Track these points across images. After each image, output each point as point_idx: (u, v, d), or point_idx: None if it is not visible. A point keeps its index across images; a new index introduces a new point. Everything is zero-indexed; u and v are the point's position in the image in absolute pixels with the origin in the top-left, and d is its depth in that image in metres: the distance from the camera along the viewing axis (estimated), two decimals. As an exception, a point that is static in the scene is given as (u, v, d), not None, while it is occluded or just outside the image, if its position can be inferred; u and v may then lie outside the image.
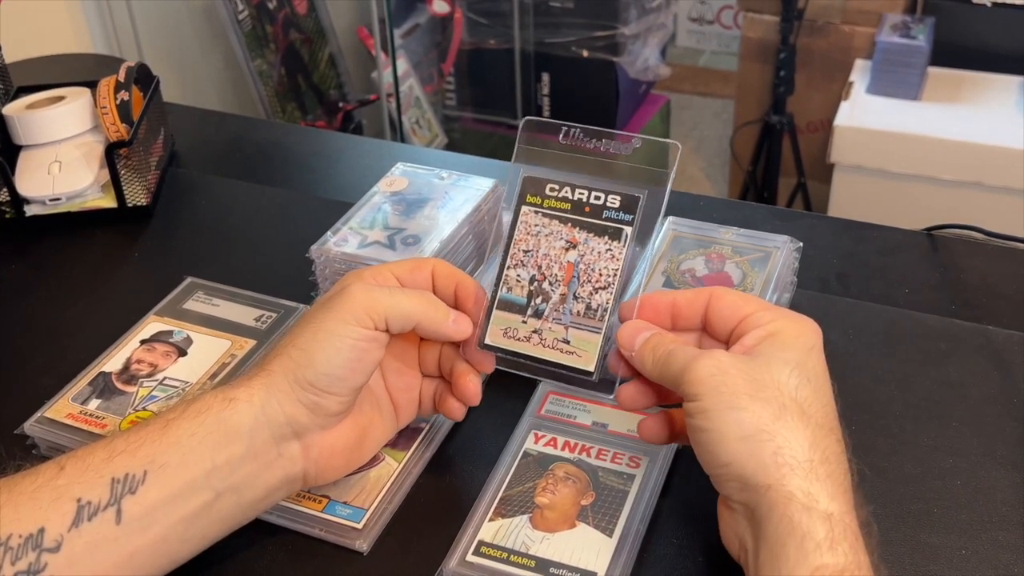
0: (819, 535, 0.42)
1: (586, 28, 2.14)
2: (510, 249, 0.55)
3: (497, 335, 0.54)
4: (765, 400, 0.45)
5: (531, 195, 0.55)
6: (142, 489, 0.46)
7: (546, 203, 0.54)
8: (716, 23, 3.17)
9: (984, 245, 0.78)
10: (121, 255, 0.82)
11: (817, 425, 0.46)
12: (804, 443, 0.45)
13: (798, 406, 0.46)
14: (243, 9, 1.87)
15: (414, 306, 0.51)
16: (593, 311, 0.53)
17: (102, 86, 0.86)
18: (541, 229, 0.54)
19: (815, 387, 0.47)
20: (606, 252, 0.54)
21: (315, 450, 0.51)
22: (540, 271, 0.54)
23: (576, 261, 0.54)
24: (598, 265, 0.53)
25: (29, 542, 0.44)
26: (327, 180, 0.92)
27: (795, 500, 0.43)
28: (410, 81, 2.14)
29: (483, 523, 0.54)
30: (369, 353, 0.50)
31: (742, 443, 0.45)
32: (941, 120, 1.91)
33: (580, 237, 0.54)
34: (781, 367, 0.47)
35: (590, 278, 0.53)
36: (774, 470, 0.44)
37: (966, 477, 0.57)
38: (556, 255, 0.54)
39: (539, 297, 0.54)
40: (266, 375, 0.49)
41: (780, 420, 0.45)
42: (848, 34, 2.10)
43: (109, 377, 0.64)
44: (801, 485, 0.44)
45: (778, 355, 0.47)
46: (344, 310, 0.50)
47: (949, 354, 0.66)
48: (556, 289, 0.54)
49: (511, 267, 0.54)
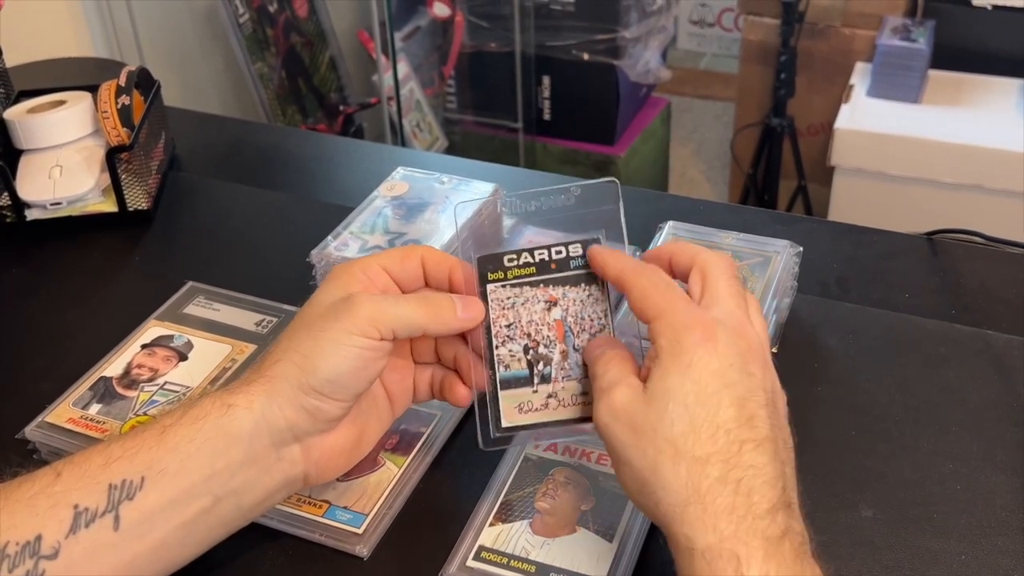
0: (703, 573, 0.42)
1: (587, 31, 2.14)
2: (492, 330, 0.53)
3: (512, 414, 0.52)
4: (642, 452, 0.45)
5: (492, 273, 0.54)
6: (140, 495, 0.46)
7: (510, 274, 0.54)
8: (717, 26, 3.17)
9: (984, 249, 0.78)
10: (122, 259, 0.82)
11: (691, 460, 0.44)
12: (677, 487, 0.44)
13: (672, 446, 0.44)
14: (244, 12, 1.88)
15: (419, 314, 0.51)
16: None
17: (103, 90, 0.86)
18: (515, 300, 0.54)
19: (691, 415, 0.45)
20: (588, 298, 0.53)
21: (315, 452, 0.51)
22: (531, 339, 0.53)
23: (563, 317, 0.53)
24: (586, 312, 0.53)
25: (26, 549, 0.44)
26: (328, 184, 0.92)
27: (680, 544, 0.44)
28: (411, 84, 2.14)
29: (483, 528, 0.54)
30: (373, 362, 0.50)
31: (637, 496, 0.46)
32: (941, 123, 1.91)
33: (557, 293, 0.53)
34: (657, 402, 0.45)
35: (583, 327, 0.53)
36: (661, 519, 0.45)
37: (966, 482, 0.57)
38: (540, 317, 0.53)
39: (540, 363, 0.53)
40: (267, 381, 0.49)
41: (655, 472, 0.44)
42: (848, 37, 2.11)
43: (110, 382, 0.64)
44: (679, 530, 0.44)
45: (656, 385, 0.46)
46: (349, 321, 0.49)
47: (949, 358, 0.66)
48: (554, 349, 0.53)
49: (500, 346, 0.53)
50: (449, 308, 0.52)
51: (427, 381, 0.56)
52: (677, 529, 0.43)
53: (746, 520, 0.43)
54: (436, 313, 0.52)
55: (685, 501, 0.43)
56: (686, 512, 0.43)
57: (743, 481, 0.44)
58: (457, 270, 0.54)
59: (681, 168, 2.70)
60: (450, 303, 0.52)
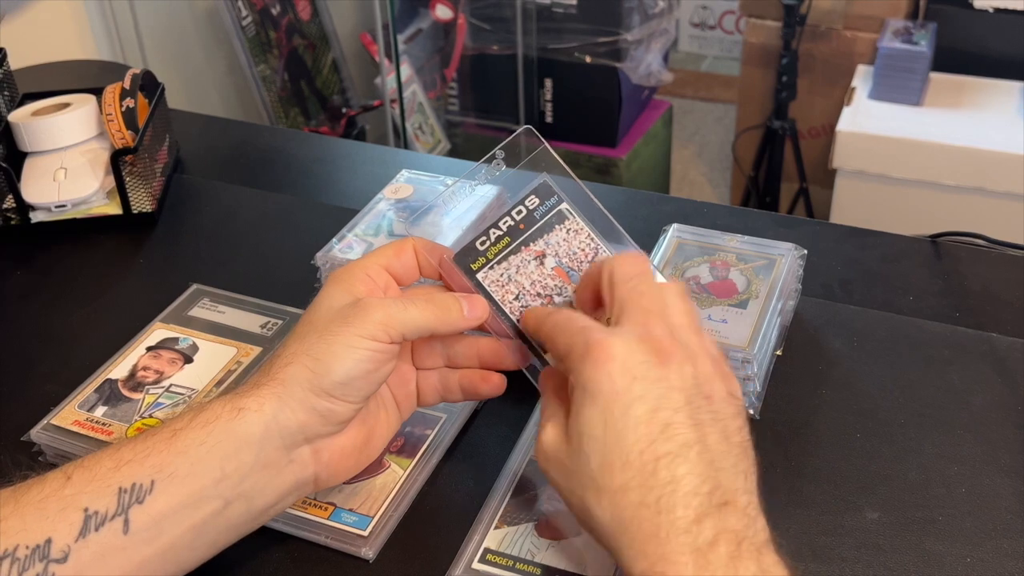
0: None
1: (589, 34, 2.14)
2: (505, 310, 0.54)
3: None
4: (572, 491, 0.46)
5: (473, 264, 0.55)
6: (150, 499, 0.46)
7: (490, 254, 0.55)
8: (718, 28, 3.17)
9: (987, 252, 0.78)
10: (126, 262, 0.82)
11: (611, 492, 0.44)
12: (606, 520, 0.44)
13: (594, 483, 0.45)
14: (247, 15, 1.88)
15: (428, 316, 0.52)
16: None
17: (107, 93, 0.86)
18: (508, 272, 0.54)
19: (603, 447, 0.45)
20: (568, 234, 0.55)
21: (326, 454, 0.51)
22: (542, 296, 0.54)
23: (557, 262, 0.54)
24: (574, 247, 0.54)
25: (36, 553, 0.44)
26: (332, 187, 0.92)
27: (624, 573, 0.44)
28: (413, 86, 2.14)
29: (489, 531, 0.54)
30: (384, 364, 0.51)
31: (586, 529, 0.47)
32: (943, 125, 1.91)
33: (540, 246, 0.54)
34: (577, 441, 0.46)
35: (580, 259, 0.54)
36: (607, 551, 0.45)
37: (970, 485, 0.57)
38: (539, 273, 0.54)
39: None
40: (278, 384, 0.49)
41: (586, 510, 0.45)
42: (850, 39, 2.11)
43: (115, 384, 0.65)
44: (619, 560, 0.44)
45: (574, 424, 0.46)
46: (361, 325, 0.50)
47: (952, 361, 0.66)
48: (567, 292, 0.54)
49: (519, 314, 0.54)
50: (456, 309, 0.53)
51: (433, 385, 0.56)
52: (617, 559, 0.44)
53: (671, 538, 0.42)
54: (443, 314, 0.52)
55: (613, 533, 0.44)
56: (618, 543, 0.44)
57: (662, 499, 0.43)
58: (447, 259, 0.55)
59: (683, 170, 2.70)
60: (456, 303, 0.53)
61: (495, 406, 0.64)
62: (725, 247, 0.71)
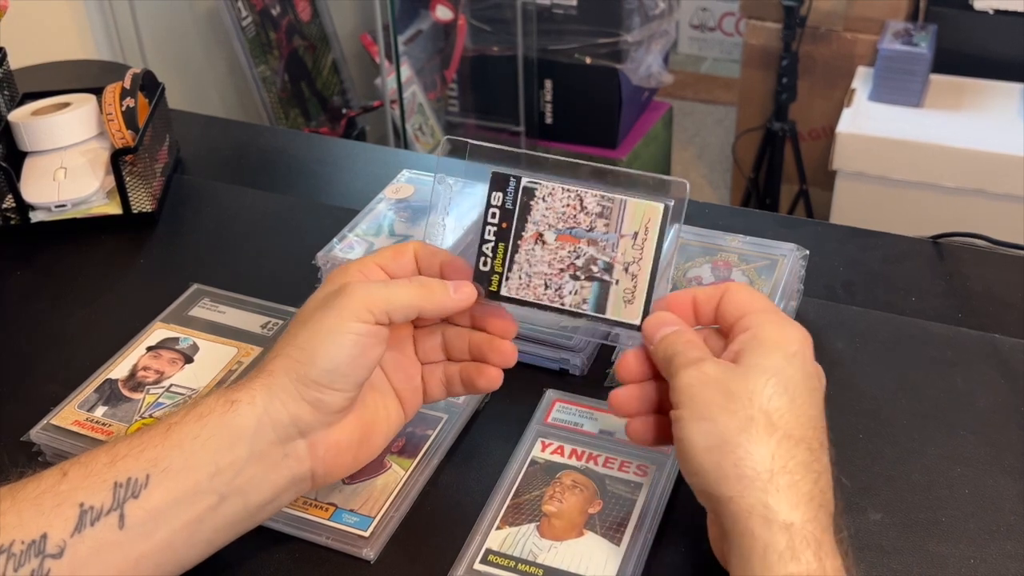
0: (780, 545, 0.43)
1: (589, 35, 2.14)
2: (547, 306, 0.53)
3: (632, 312, 0.53)
4: (733, 412, 0.46)
5: (490, 286, 0.54)
6: (145, 493, 0.46)
7: (496, 267, 0.54)
8: (718, 30, 3.17)
9: (990, 253, 0.78)
10: (126, 262, 0.82)
11: (784, 435, 0.46)
12: (766, 455, 0.45)
13: (766, 417, 0.46)
14: (247, 15, 1.88)
15: (412, 294, 0.51)
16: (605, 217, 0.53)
17: (108, 93, 0.86)
18: (522, 271, 0.54)
19: (791, 396, 0.47)
20: (544, 201, 0.53)
21: (321, 448, 0.51)
22: (566, 270, 0.53)
23: (556, 232, 0.53)
24: (559, 209, 0.53)
25: (32, 548, 0.44)
26: (332, 187, 0.92)
27: (755, 512, 0.44)
28: (413, 87, 2.14)
29: (490, 531, 0.54)
30: (371, 348, 0.50)
31: (707, 454, 0.46)
32: (943, 127, 1.91)
33: (531, 228, 0.53)
34: (759, 376, 0.47)
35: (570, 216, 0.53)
36: (735, 482, 0.45)
37: (973, 486, 0.57)
38: (549, 251, 0.53)
39: (593, 268, 0.53)
40: (267, 376, 0.49)
41: (745, 432, 0.45)
42: (850, 41, 2.11)
43: (115, 384, 0.64)
44: (760, 497, 0.44)
45: (758, 362, 0.47)
46: (343, 307, 0.49)
47: (955, 362, 0.66)
48: (584, 252, 0.53)
49: (563, 301, 0.53)
50: (441, 287, 0.53)
51: (438, 380, 0.56)
52: (755, 495, 0.44)
53: (822, 513, 0.45)
54: (429, 293, 0.52)
55: (771, 470, 0.44)
56: (773, 482, 0.44)
57: (822, 476, 0.46)
58: (447, 261, 0.55)
59: (683, 172, 2.70)
60: (443, 285, 0.53)
61: (496, 407, 0.64)
62: (727, 247, 0.70)
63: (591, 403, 0.62)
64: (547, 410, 0.62)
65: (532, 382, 0.64)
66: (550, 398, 0.63)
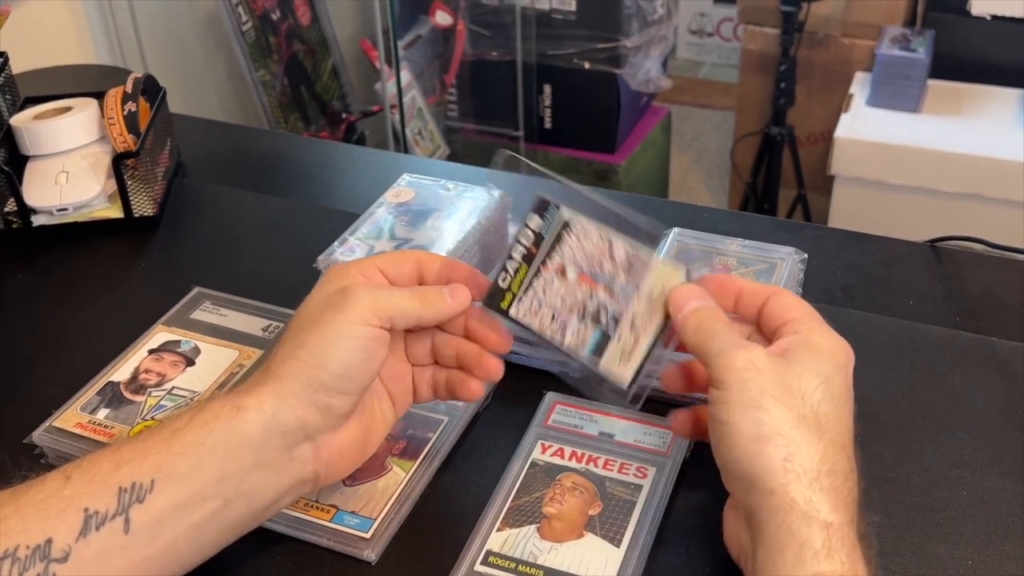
0: (816, 543, 0.43)
1: (588, 40, 2.15)
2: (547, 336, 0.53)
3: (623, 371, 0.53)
4: (788, 406, 0.46)
5: (502, 303, 0.54)
6: (150, 498, 0.46)
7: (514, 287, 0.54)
8: (716, 35, 3.18)
9: (987, 257, 0.78)
10: (128, 265, 0.82)
11: (830, 440, 0.46)
12: (815, 455, 0.45)
13: (816, 418, 0.47)
14: (247, 20, 1.88)
15: (414, 303, 0.52)
16: (630, 274, 0.53)
17: (109, 97, 0.86)
18: (536, 298, 0.54)
19: (836, 404, 0.48)
20: (576, 241, 0.53)
21: (325, 451, 0.51)
22: (573, 309, 0.53)
23: (578, 270, 0.53)
24: (588, 249, 0.53)
25: (37, 552, 0.44)
26: (333, 191, 0.92)
27: (796, 508, 0.44)
28: (413, 92, 2.14)
29: (491, 533, 0.54)
30: (378, 351, 0.51)
31: (756, 443, 0.46)
32: (941, 132, 1.91)
33: (557, 260, 0.53)
34: (811, 377, 0.48)
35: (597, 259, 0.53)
36: (781, 475, 0.45)
37: (972, 488, 0.57)
38: (565, 288, 0.53)
39: (600, 315, 0.53)
40: (277, 381, 0.49)
41: (797, 428, 0.46)
42: (848, 47, 2.11)
43: (117, 387, 0.64)
44: (804, 493, 0.44)
45: (811, 364, 0.48)
46: (351, 311, 0.50)
47: (954, 365, 0.66)
48: (596, 297, 0.53)
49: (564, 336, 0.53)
50: (440, 297, 0.53)
51: (427, 382, 0.56)
52: (800, 491, 0.44)
53: (855, 522, 0.45)
54: (429, 302, 0.53)
55: (818, 471, 0.45)
56: (818, 481, 0.45)
57: (855, 487, 0.46)
58: (451, 266, 0.55)
59: (681, 177, 2.71)
60: (440, 292, 0.53)
61: (497, 409, 0.64)
62: (726, 251, 0.71)
63: (591, 406, 0.62)
64: (547, 412, 0.62)
65: (532, 385, 0.64)
66: (550, 400, 0.63)
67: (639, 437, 0.60)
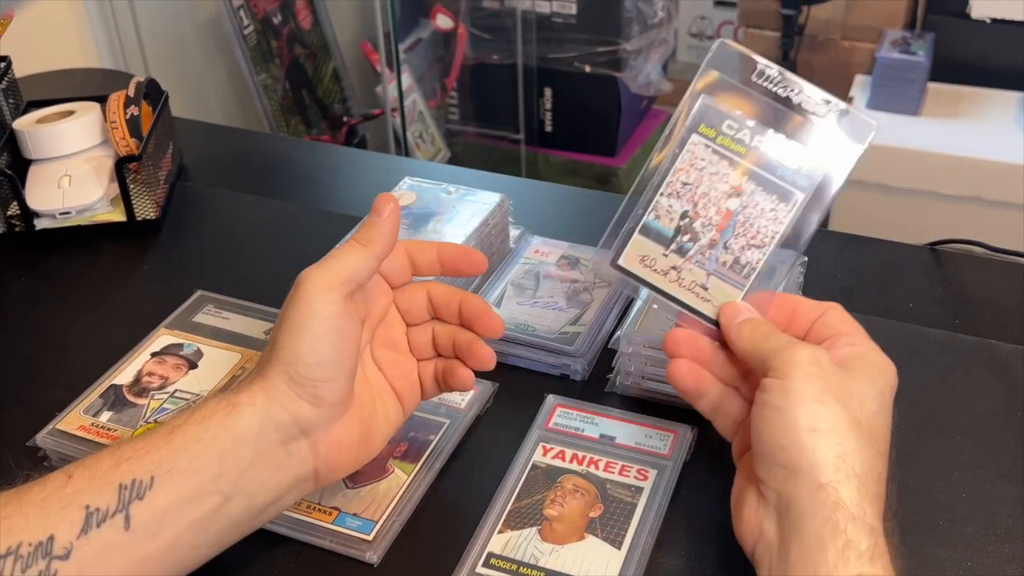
0: (862, 545, 0.44)
1: (588, 43, 2.15)
2: (668, 177, 0.51)
3: (633, 260, 0.52)
4: (847, 408, 0.47)
5: (706, 126, 0.51)
6: (150, 494, 0.47)
7: (719, 140, 0.51)
8: (717, 38, 3.18)
9: (987, 260, 0.78)
10: (130, 268, 0.83)
11: (878, 452, 0.48)
12: (866, 461, 0.46)
13: (870, 428, 0.48)
14: (248, 24, 1.89)
15: (355, 251, 0.52)
16: (741, 266, 0.52)
17: (112, 101, 0.87)
18: (707, 165, 0.51)
19: (885, 421, 0.49)
20: (770, 212, 0.51)
21: (323, 446, 0.51)
22: (695, 209, 0.51)
23: (736, 210, 0.51)
24: (758, 222, 0.51)
25: (39, 550, 0.44)
26: (335, 194, 0.93)
27: (843, 507, 0.45)
28: (414, 95, 2.15)
29: (492, 535, 0.54)
30: (347, 327, 0.50)
31: (811, 434, 0.46)
32: (941, 135, 1.92)
33: (747, 187, 0.51)
34: (869, 388, 0.49)
35: (746, 232, 0.51)
36: (832, 472, 0.45)
37: (971, 490, 0.57)
38: (716, 197, 0.51)
39: (687, 235, 0.51)
40: (263, 379, 0.50)
41: (853, 431, 0.47)
42: (848, 50, 2.12)
43: (120, 389, 0.65)
44: (853, 495, 0.45)
45: (869, 377, 0.49)
46: (306, 295, 0.50)
47: (953, 368, 0.66)
48: (708, 232, 0.51)
49: (665, 195, 0.51)
50: (371, 225, 0.53)
51: (432, 375, 0.57)
52: (849, 492, 0.45)
53: (889, 533, 0.46)
54: (366, 238, 0.52)
55: (866, 473, 0.46)
56: (866, 487, 0.45)
57: (886, 502, 0.47)
58: (445, 249, 0.55)
59: (681, 180, 2.71)
60: (369, 221, 0.53)
61: (498, 411, 0.64)
62: (727, 254, 0.71)
63: (592, 408, 0.62)
64: (548, 415, 0.62)
65: (533, 387, 0.65)
66: (551, 403, 0.63)
67: (640, 440, 0.60)
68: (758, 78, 0.51)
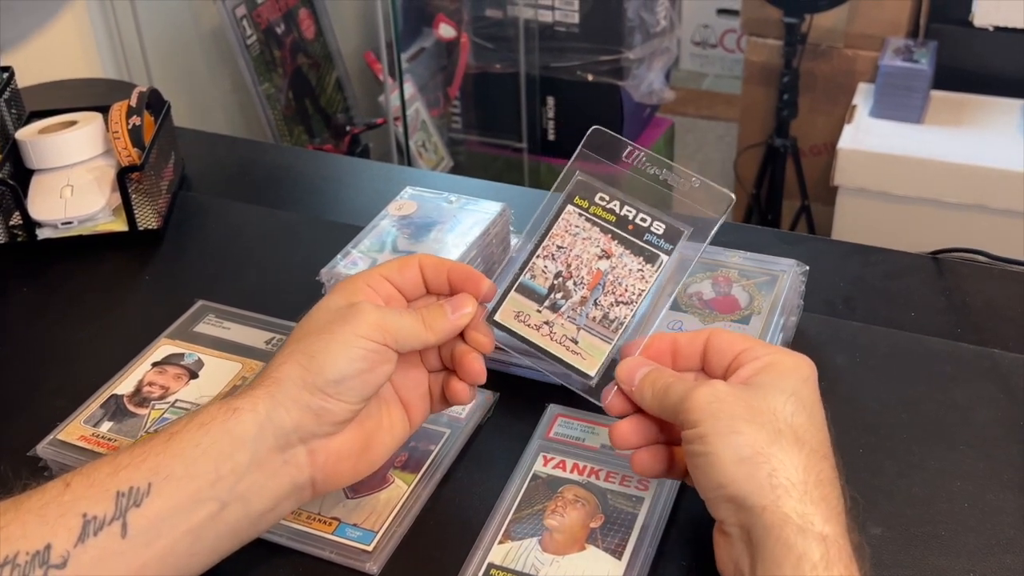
0: (815, 556, 0.44)
1: (591, 52, 2.16)
2: (544, 240, 0.56)
3: (508, 315, 0.55)
4: (760, 424, 0.47)
5: (580, 197, 0.56)
6: (147, 501, 0.47)
7: (592, 209, 0.56)
8: (719, 47, 3.18)
9: (989, 269, 0.78)
10: (132, 278, 0.83)
11: (811, 450, 0.47)
12: (798, 466, 0.46)
13: (793, 432, 0.47)
14: (251, 34, 1.89)
15: (417, 325, 0.53)
16: (609, 321, 0.54)
17: (114, 111, 0.87)
18: (580, 231, 0.56)
19: (809, 415, 0.48)
20: (637, 271, 0.55)
21: (321, 456, 0.51)
22: (568, 269, 0.55)
23: (606, 271, 0.55)
24: (626, 281, 0.55)
25: (36, 559, 0.44)
26: (336, 203, 0.93)
27: (790, 522, 0.44)
28: (416, 105, 2.15)
29: (493, 545, 0.54)
30: (380, 365, 0.51)
31: (738, 465, 0.46)
32: (944, 143, 1.92)
33: (616, 250, 0.55)
34: (777, 395, 0.48)
35: (615, 290, 0.55)
36: (769, 491, 0.45)
37: (973, 500, 0.57)
38: (588, 259, 0.55)
39: (560, 292, 0.55)
40: (272, 383, 0.50)
41: (775, 444, 0.46)
42: (851, 58, 2.12)
43: (121, 399, 0.65)
44: (796, 507, 0.45)
45: (774, 384, 0.49)
46: (357, 323, 0.50)
47: (955, 377, 0.66)
48: (579, 290, 0.55)
49: (540, 257, 0.56)
50: (442, 316, 0.53)
51: (440, 388, 0.57)
52: (791, 504, 0.45)
53: (849, 532, 0.46)
54: (431, 322, 0.53)
55: (805, 482, 0.45)
56: (808, 493, 0.45)
57: (842, 496, 0.47)
58: (455, 268, 0.55)
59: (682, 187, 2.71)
60: (442, 311, 0.54)
61: (499, 421, 0.64)
62: (727, 263, 0.71)
63: (593, 418, 0.62)
64: (549, 425, 0.62)
65: (534, 397, 0.65)
66: (552, 413, 0.63)
67: (640, 449, 0.60)
68: (627, 157, 0.57)
